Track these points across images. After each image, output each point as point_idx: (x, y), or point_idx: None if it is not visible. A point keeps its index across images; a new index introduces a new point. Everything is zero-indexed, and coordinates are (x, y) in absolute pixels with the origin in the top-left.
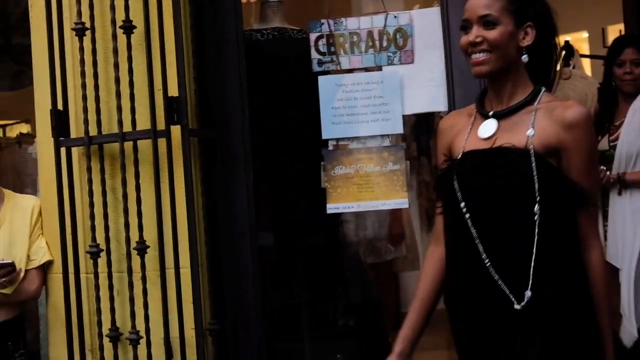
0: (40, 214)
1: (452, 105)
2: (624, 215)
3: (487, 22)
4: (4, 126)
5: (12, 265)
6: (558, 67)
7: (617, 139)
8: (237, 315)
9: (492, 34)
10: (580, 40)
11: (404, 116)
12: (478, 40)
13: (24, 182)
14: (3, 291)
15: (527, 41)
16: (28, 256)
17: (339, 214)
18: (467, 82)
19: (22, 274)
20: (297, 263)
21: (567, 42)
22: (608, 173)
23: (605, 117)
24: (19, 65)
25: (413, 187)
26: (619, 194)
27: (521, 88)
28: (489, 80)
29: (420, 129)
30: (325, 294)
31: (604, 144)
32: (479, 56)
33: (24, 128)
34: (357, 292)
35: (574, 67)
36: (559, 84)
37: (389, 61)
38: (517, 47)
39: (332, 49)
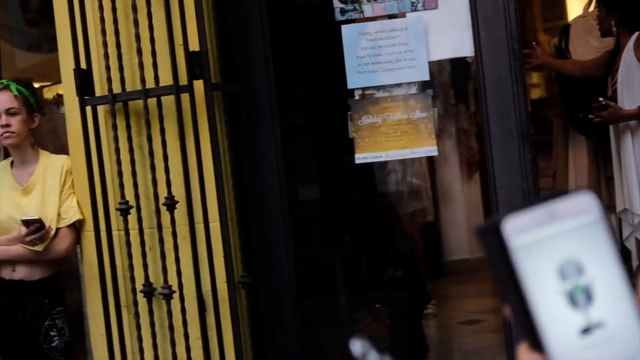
0: (70, 173)
1: (478, 49)
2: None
3: None
4: (41, 88)
5: (39, 221)
6: (591, 8)
7: (617, 82)
8: (268, 268)
9: None
10: None
11: (438, 62)
12: None
13: (64, 143)
14: (34, 248)
15: None
16: (59, 214)
17: (369, 164)
18: (492, 25)
19: (52, 232)
20: (329, 215)
21: None
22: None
23: (610, 63)
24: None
25: (452, 134)
26: None
27: None
28: None
29: (457, 75)
30: (360, 245)
31: (610, 90)
32: None
33: (61, 89)
34: (392, 242)
35: None
36: (592, 26)
37: (413, 7)
38: None
39: None
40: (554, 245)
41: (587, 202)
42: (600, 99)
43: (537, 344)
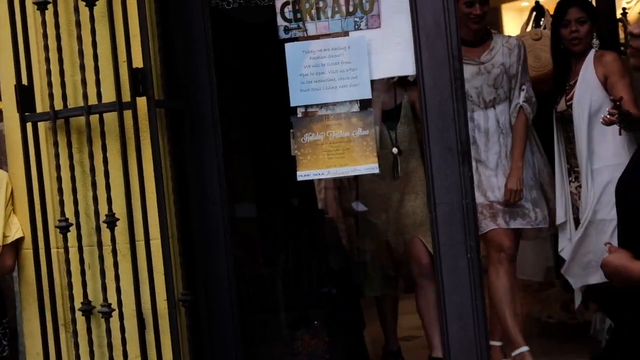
0: (12, 189)
1: (420, 68)
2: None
3: None
4: None
5: None
6: (529, 28)
7: (572, 98)
8: (209, 286)
9: None
10: (553, 0)
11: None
12: None
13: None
14: None
15: None
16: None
17: (311, 181)
18: (433, 44)
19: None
20: (270, 232)
21: (537, 3)
22: None
23: (560, 78)
24: None
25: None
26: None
27: None
28: None
29: None
30: (299, 263)
31: (562, 105)
32: None
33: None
34: (331, 260)
35: (544, 28)
36: (530, 45)
37: (356, 26)
38: None
39: (299, 15)
40: None
41: None
42: (616, 96)
43: None
